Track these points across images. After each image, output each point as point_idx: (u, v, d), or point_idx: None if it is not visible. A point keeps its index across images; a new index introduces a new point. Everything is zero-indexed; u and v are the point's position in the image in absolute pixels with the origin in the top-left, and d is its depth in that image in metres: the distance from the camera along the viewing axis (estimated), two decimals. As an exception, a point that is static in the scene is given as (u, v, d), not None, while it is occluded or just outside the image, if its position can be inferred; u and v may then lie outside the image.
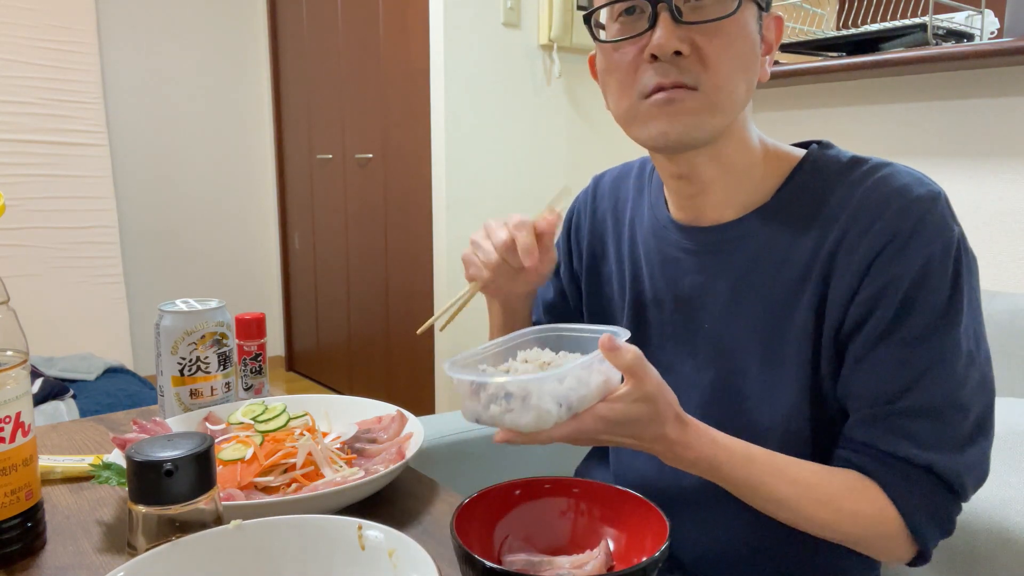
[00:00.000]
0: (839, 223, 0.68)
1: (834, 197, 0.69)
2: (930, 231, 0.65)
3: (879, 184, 0.68)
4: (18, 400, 0.64)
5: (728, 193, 0.74)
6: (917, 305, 0.65)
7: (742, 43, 0.66)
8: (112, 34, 3.46)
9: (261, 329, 1.07)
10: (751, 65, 0.68)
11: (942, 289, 0.65)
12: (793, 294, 0.71)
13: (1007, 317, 1.15)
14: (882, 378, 0.66)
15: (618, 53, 0.69)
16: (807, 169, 0.73)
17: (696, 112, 0.66)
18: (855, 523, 0.67)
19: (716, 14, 0.64)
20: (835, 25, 1.94)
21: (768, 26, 0.71)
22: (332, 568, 0.54)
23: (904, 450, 0.66)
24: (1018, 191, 1.54)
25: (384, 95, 3.05)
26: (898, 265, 0.65)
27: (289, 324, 4.11)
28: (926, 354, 0.65)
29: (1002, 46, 1.41)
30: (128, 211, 3.58)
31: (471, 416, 0.61)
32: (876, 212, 0.66)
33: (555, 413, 0.58)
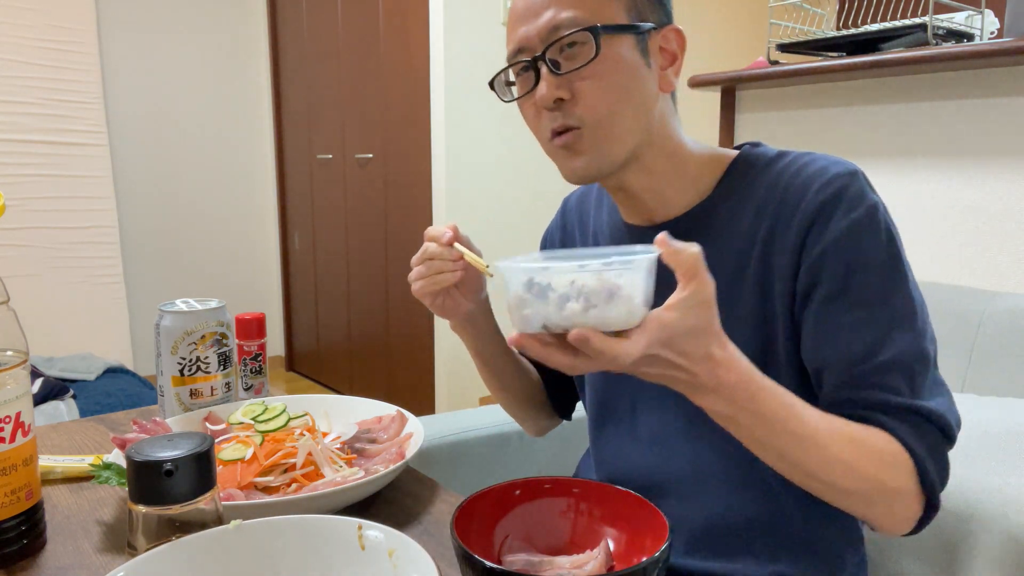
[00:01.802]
0: (770, 209, 0.74)
1: (764, 187, 0.76)
2: (851, 200, 0.71)
3: (801, 169, 0.74)
4: (18, 400, 0.64)
5: (666, 196, 0.80)
6: (860, 266, 0.69)
7: (615, 77, 0.73)
8: (112, 34, 3.46)
9: (261, 329, 1.07)
10: (632, 90, 0.74)
11: (878, 248, 0.70)
12: (734, 280, 0.75)
13: (1007, 317, 1.15)
14: (848, 340, 0.69)
15: (524, 107, 0.79)
16: (740, 166, 0.79)
17: (590, 149, 0.75)
18: (879, 462, 0.65)
19: (582, 61, 0.72)
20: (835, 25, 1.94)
21: (666, 39, 0.77)
22: (332, 568, 0.54)
23: (894, 400, 0.68)
24: (1018, 191, 1.54)
25: (384, 95, 3.05)
26: (828, 233, 0.70)
27: (289, 324, 4.11)
28: (886, 312, 0.69)
29: (1002, 46, 1.41)
30: (128, 211, 3.58)
31: (537, 321, 0.53)
32: (801, 193, 0.73)
33: (641, 308, 0.53)
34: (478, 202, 2.74)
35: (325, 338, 3.77)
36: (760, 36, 1.93)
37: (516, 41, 0.76)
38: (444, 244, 0.79)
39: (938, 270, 1.66)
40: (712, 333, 0.58)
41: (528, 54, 0.75)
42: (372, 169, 3.21)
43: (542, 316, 0.53)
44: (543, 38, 0.73)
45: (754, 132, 2.02)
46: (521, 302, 0.54)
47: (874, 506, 0.67)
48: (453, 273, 0.79)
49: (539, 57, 0.73)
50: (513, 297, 0.54)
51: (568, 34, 0.72)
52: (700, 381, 0.59)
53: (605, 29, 0.71)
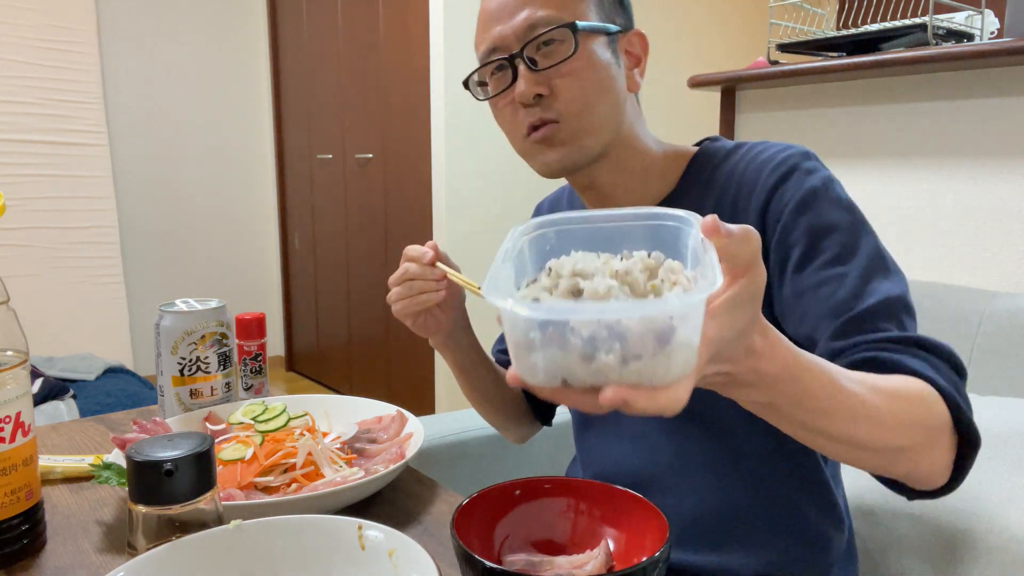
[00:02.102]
0: (729, 197, 0.78)
1: (723, 178, 0.79)
2: (803, 174, 0.74)
3: (755, 157, 0.78)
4: (18, 400, 0.64)
5: (634, 193, 0.82)
6: (823, 229, 0.71)
7: (592, 73, 0.76)
8: (112, 34, 3.46)
9: (261, 329, 1.07)
10: (607, 87, 0.77)
11: (839, 208, 0.72)
12: None
13: (1007, 317, 1.15)
14: (829, 294, 0.69)
15: (499, 105, 0.80)
16: (700, 160, 0.82)
17: (567, 141, 0.77)
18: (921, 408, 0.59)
19: (560, 57, 0.74)
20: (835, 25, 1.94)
21: (631, 43, 0.81)
22: (332, 568, 0.54)
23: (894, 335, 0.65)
24: (1018, 191, 1.54)
25: (384, 95, 3.05)
26: (787, 205, 0.72)
27: (289, 324, 4.11)
28: (859, 264, 0.70)
29: (1002, 46, 1.41)
30: (128, 211, 3.58)
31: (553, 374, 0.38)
32: (755, 177, 0.76)
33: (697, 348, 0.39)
34: (478, 202, 2.74)
35: (325, 338, 3.77)
36: (760, 36, 1.93)
37: (490, 41, 0.77)
38: (426, 264, 0.80)
39: (938, 270, 1.66)
40: (756, 325, 0.47)
41: (503, 52, 0.76)
42: (372, 169, 3.21)
43: (560, 369, 0.38)
44: (520, 36, 0.75)
45: (754, 132, 2.02)
46: (529, 345, 0.38)
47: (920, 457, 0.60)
48: (437, 293, 0.80)
49: (517, 55, 0.75)
50: (515, 339, 0.38)
51: (547, 31, 0.74)
52: (739, 379, 0.49)
53: (582, 27, 0.74)
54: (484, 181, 2.72)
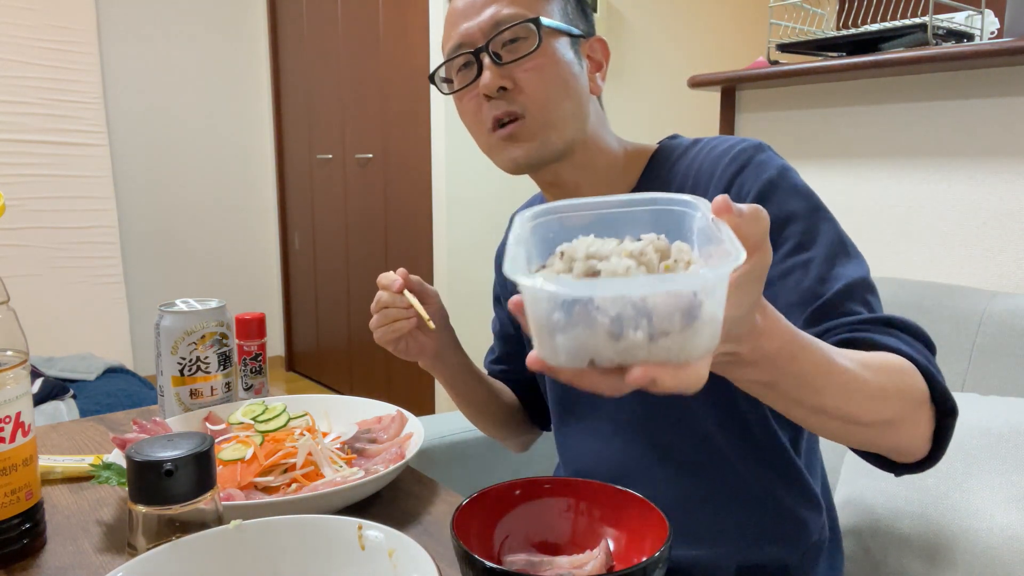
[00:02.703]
0: (687, 183, 0.79)
1: (681, 172, 0.81)
2: (759, 165, 0.75)
3: (711, 149, 0.80)
4: (18, 400, 0.64)
5: (598, 191, 0.83)
6: (784, 218, 0.73)
7: (555, 69, 0.77)
8: (112, 34, 3.46)
9: (261, 329, 1.07)
10: (570, 84, 0.79)
11: (798, 195, 0.74)
12: None
13: (1007, 317, 1.15)
14: (797, 282, 0.71)
15: (464, 100, 0.81)
16: (659, 157, 0.84)
17: (532, 136, 0.78)
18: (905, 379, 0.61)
19: (524, 51, 0.77)
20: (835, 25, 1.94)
21: (593, 48, 0.83)
22: (332, 568, 0.54)
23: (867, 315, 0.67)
24: (1018, 191, 1.54)
25: (384, 95, 3.05)
26: (747, 196, 0.74)
27: (289, 324, 4.11)
28: (822, 249, 0.72)
29: (1002, 46, 1.41)
30: (128, 211, 3.58)
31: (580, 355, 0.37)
32: (712, 167, 0.78)
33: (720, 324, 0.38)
34: (478, 202, 2.74)
35: (325, 338, 3.77)
36: (760, 36, 1.93)
37: (457, 37, 0.79)
38: (395, 292, 0.82)
39: (938, 270, 1.65)
40: (759, 304, 0.48)
41: (468, 48, 0.78)
42: (372, 169, 3.21)
43: (587, 349, 0.37)
44: (485, 32, 0.77)
45: (754, 132, 2.02)
46: (553, 327, 0.37)
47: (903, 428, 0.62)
48: (408, 320, 0.82)
49: (482, 49, 0.77)
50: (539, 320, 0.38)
51: (511, 26, 0.76)
52: (743, 359, 0.50)
53: (546, 24, 0.76)
54: (484, 181, 2.72)
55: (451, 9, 0.82)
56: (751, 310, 0.46)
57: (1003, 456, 0.95)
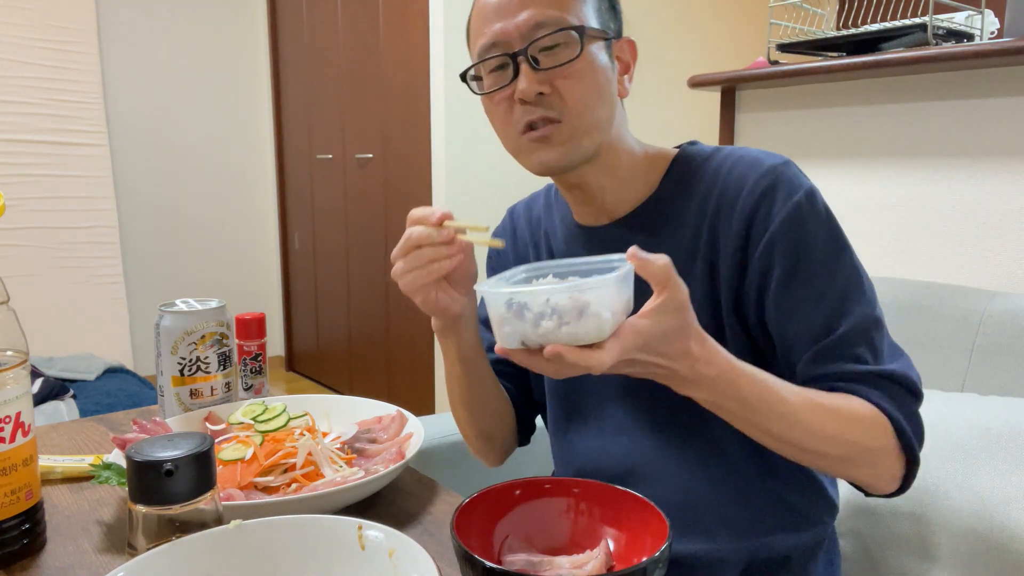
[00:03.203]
0: (711, 200, 0.78)
1: (704, 181, 0.80)
2: (787, 187, 0.75)
3: (736, 165, 0.78)
4: (18, 400, 0.64)
5: (620, 194, 0.83)
6: (806, 247, 0.74)
7: (592, 75, 0.76)
8: (112, 34, 3.46)
9: (261, 329, 1.07)
10: (604, 90, 0.78)
11: (821, 225, 0.74)
12: (685, 269, 0.78)
13: (1007, 317, 1.15)
14: (807, 316, 0.74)
15: (494, 100, 0.80)
16: (680, 163, 0.83)
17: (565, 141, 0.77)
18: (860, 428, 0.69)
19: (566, 59, 0.75)
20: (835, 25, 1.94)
21: (622, 49, 0.82)
22: (332, 568, 0.54)
23: (863, 368, 0.72)
24: (1018, 191, 1.54)
25: (384, 95, 3.05)
26: (773, 221, 0.74)
27: (289, 324, 4.11)
28: (838, 285, 0.74)
29: (1002, 46, 1.41)
30: (128, 211, 3.58)
31: (515, 339, 0.57)
32: (738, 186, 0.77)
33: (611, 321, 0.55)
34: (478, 202, 2.74)
35: (325, 338, 3.77)
36: (760, 36, 1.93)
37: (491, 36, 0.77)
38: (434, 224, 0.71)
39: (938, 270, 1.65)
40: (688, 332, 0.61)
41: (504, 49, 0.76)
42: (372, 169, 3.21)
43: (520, 334, 0.57)
44: (524, 35, 0.75)
45: (754, 132, 2.02)
46: (502, 320, 0.57)
47: (861, 468, 0.72)
48: (450, 259, 0.72)
49: (520, 52, 0.75)
50: (495, 316, 0.58)
51: (553, 32, 0.74)
52: (681, 375, 0.63)
53: (589, 30, 0.75)
54: (484, 181, 2.73)
55: (482, 5, 0.79)
56: (674, 334, 0.60)
57: (1003, 456, 0.95)
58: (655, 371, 0.62)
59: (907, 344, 0.79)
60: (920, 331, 1.24)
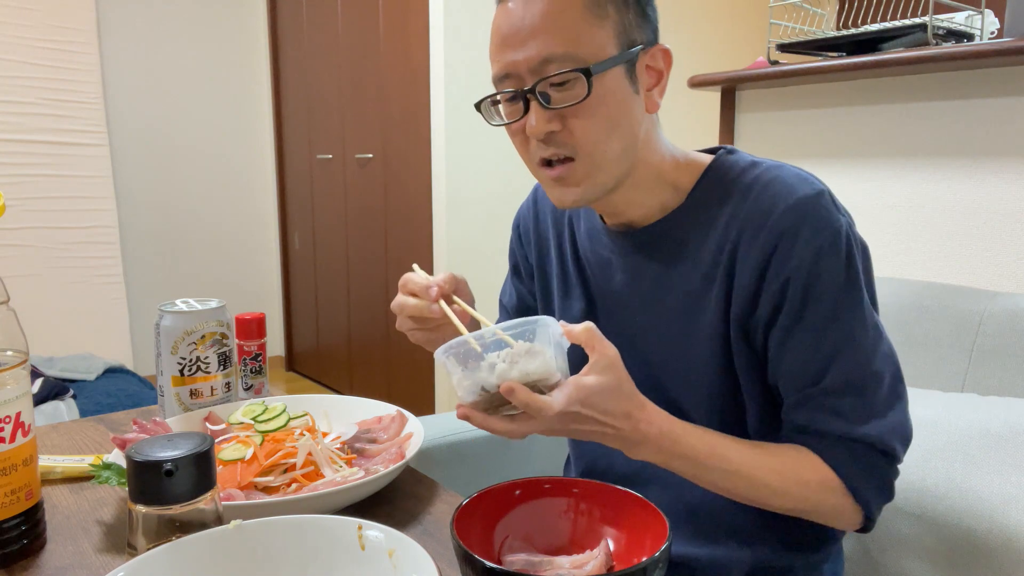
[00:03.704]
0: (736, 225, 0.75)
1: (733, 200, 0.77)
2: (816, 224, 0.72)
3: (767, 187, 0.75)
4: (18, 400, 0.64)
5: (646, 205, 0.81)
6: (816, 292, 0.72)
7: (606, 110, 0.73)
8: (112, 34, 3.46)
9: (261, 329, 1.07)
10: (621, 121, 0.75)
11: (837, 274, 0.72)
12: (702, 293, 0.78)
13: (1007, 317, 1.15)
14: (802, 362, 0.73)
15: (512, 129, 0.78)
16: (712, 174, 0.80)
17: (581, 180, 0.75)
18: (805, 489, 0.72)
19: (574, 99, 0.72)
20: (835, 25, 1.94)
21: (654, 58, 0.77)
22: (332, 568, 0.54)
23: (836, 427, 0.73)
24: (1018, 191, 1.54)
25: (384, 95, 3.05)
26: (792, 260, 0.72)
27: (289, 324, 4.11)
28: (836, 334, 0.72)
29: (1002, 46, 1.41)
30: (128, 211, 3.58)
31: (474, 389, 0.62)
32: (764, 215, 0.73)
33: (555, 361, 0.62)
34: (478, 202, 2.74)
35: (325, 338, 3.77)
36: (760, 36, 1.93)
37: (503, 66, 0.75)
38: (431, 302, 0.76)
39: (938, 270, 1.65)
40: (626, 392, 0.66)
41: (514, 81, 0.74)
42: (372, 169, 3.21)
43: (480, 381, 0.62)
44: (533, 70, 0.72)
45: (754, 132, 2.02)
46: (461, 378, 0.64)
47: (813, 518, 0.74)
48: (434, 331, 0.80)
49: (529, 90, 0.73)
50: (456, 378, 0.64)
51: (559, 73, 0.71)
52: (626, 436, 0.67)
53: (597, 68, 0.71)
54: (484, 181, 2.72)
55: (496, 29, 0.76)
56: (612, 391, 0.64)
57: (1002, 457, 0.95)
58: (602, 430, 0.66)
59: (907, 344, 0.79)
60: (920, 331, 1.24)
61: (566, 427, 0.64)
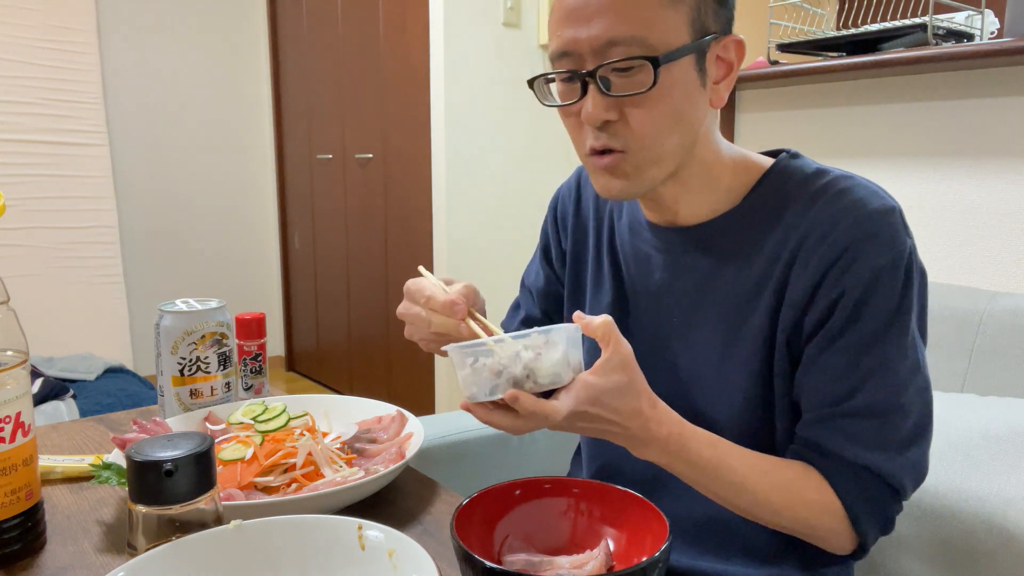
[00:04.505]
0: (798, 232, 0.72)
1: (795, 206, 0.73)
2: (881, 243, 0.68)
3: (837, 197, 0.71)
4: (18, 400, 0.64)
5: (695, 203, 0.78)
6: (865, 313, 0.69)
7: (667, 103, 0.69)
8: (112, 34, 3.46)
9: (261, 329, 1.07)
10: (684, 115, 0.71)
11: (890, 298, 0.69)
12: (752, 296, 0.75)
13: (1007, 317, 1.15)
14: (830, 380, 0.71)
15: (565, 115, 0.74)
16: (773, 178, 0.76)
17: (630, 173, 0.72)
18: (806, 510, 0.70)
19: (639, 87, 0.67)
20: (835, 25, 1.94)
21: (726, 49, 0.73)
22: (332, 568, 0.54)
23: (849, 452, 0.70)
24: (1018, 191, 1.54)
25: (384, 95, 3.05)
26: (849, 276, 0.68)
27: (289, 324, 4.11)
28: (873, 359, 0.69)
29: (1002, 46, 1.41)
30: (128, 211, 3.58)
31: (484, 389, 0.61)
32: (831, 224, 0.70)
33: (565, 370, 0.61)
34: (478, 202, 2.74)
35: (325, 338, 3.77)
36: (760, 36, 1.93)
37: (563, 43, 0.69)
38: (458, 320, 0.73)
39: (938, 270, 1.65)
40: (637, 391, 0.64)
41: (574, 61, 0.70)
42: (372, 169, 3.21)
43: (489, 384, 0.61)
44: (596, 51, 0.67)
45: (754, 132, 2.02)
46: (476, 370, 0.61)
47: (806, 538, 0.73)
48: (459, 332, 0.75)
49: (589, 74, 0.68)
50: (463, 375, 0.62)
51: (624, 60, 0.66)
52: (634, 434, 0.65)
53: (665, 58, 0.66)
54: (484, 181, 2.72)
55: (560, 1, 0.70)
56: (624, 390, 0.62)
57: (1001, 457, 0.95)
58: (609, 428, 0.64)
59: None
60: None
61: (572, 425, 0.63)
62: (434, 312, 0.74)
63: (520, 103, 2.67)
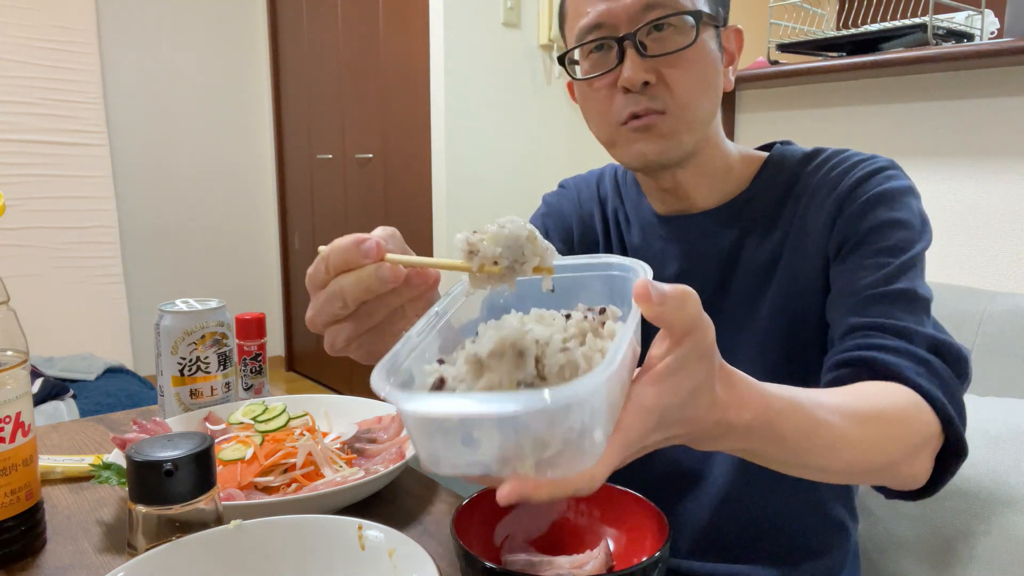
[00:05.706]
0: (805, 196, 0.76)
1: (800, 181, 0.78)
2: (887, 177, 0.73)
3: (840, 161, 0.76)
4: (18, 400, 0.64)
5: (709, 193, 0.81)
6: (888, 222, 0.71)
7: (702, 66, 0.72)
8: (112, 34, 3.46)
9: (261, 329, 1.07)
10: (713, 82, 0.74)
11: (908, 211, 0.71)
12: (771, 271, 0.76)
13: (1007, 317, 1.15)
14: (865, 274, 0.69)
15: (593, 86, 0.74)
16: (774, 162, 0.81)
17: (669, 135, 0.73)
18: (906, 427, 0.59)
19: (676, 45, 0.70)
20: (835, 25, 1.94)
21: (728, 38, 0.77)
22: (332, 568, 0.54)
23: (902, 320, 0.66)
24: (1018, 191, 1.54)
25: (384, 95, 3.05)
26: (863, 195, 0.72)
27: (289, 324, 4.11)
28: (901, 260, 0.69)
29: (1002, 46, 1.41)
30: (128, 211, 3.58)
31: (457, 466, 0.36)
32: (839, 177, 0.74)
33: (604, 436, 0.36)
34: (478, 202, 2.74)
35: (325, 338, 3.76)
36: (760, 36, 1.93)
37: (595, 16, 0.71)
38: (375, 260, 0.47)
39: (938, 270, 1.65)
40: (715, 376, 0.44)
41: (608, 31, 0.71)
42: (372, 169, 3.21)
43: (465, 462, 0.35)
44: (632, 17, 0.70)
45: (754, 132, 2.02)
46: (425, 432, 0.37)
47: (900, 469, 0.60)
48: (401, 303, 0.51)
49: (627, 37, 0.70)
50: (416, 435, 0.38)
51: (668, 16, 0.69)
52: (706, 434, 0.46)
53: (703, 17, 0.70)
54: (484, 181, 2.72)
55: None
56: (698, 390, 0.42)
57: (1002, 457, 0.95)
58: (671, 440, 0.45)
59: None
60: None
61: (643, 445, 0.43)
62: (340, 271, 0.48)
63: (520, 103, 2.67)
